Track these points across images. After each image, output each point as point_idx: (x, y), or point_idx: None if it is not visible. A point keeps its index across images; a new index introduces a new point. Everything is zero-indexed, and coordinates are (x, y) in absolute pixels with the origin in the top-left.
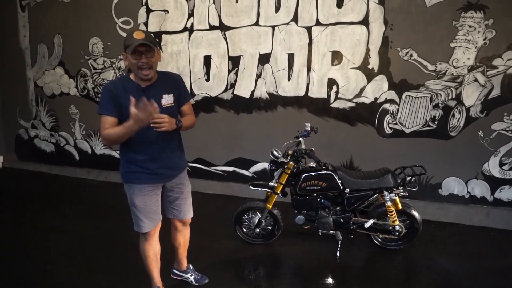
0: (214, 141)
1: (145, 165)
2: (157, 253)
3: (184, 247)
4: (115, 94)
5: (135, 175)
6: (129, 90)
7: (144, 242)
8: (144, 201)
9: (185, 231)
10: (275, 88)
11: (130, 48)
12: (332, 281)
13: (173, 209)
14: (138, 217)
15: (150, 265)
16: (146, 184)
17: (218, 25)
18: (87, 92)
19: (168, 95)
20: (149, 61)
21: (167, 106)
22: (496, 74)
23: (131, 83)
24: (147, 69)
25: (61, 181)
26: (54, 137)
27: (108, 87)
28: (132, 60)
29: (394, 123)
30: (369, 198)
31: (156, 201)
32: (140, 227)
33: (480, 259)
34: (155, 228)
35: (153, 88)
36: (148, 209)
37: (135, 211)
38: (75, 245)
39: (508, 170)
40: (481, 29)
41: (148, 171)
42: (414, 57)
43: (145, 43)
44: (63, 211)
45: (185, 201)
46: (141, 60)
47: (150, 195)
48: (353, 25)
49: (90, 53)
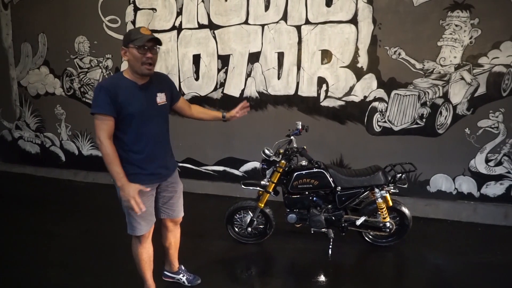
0: (204, 140)
1: (142, 165)
2: (151, 256)
3: (175, 248)
4: (113, 93)
5: (133, 176)
6: (126, 88)
7: (138, 245)
8: (143, 203)
9: (176, 231)
10: (265, 87)
11: (139, 41)
12: (325, 278)
13: (166, 209)
14: (135, 219)
15: (143, 267)
16: (145, 185)
17: (207, 23)
18: (73, 92)
19: (162, 94)
20: (154, 57)
21: (162, 104)
22: (481, 72)
23: (127, 81)
24: (150, 64)
25: (47, 183)
26: (39, 138)
27: (104, 86)
28: (137, 54)
29: (383, 121)
30: (360, 195)
31: (152, 202)
32: (136, 230)
33: (468, 254)
34: (150, 230)
35: (148, 86)
36: (146, 211)
37: (132, 214)
38: (64, 248)
39: (493, 166)
40: (467, 28)
41: (146, 171)
42: (402, 55)
43: (153, 38)
44: (50, 214)
45: (177, 200)
46: (147, 55)
47: (148, 195)
48: (342, 24)
49: (76, 52)
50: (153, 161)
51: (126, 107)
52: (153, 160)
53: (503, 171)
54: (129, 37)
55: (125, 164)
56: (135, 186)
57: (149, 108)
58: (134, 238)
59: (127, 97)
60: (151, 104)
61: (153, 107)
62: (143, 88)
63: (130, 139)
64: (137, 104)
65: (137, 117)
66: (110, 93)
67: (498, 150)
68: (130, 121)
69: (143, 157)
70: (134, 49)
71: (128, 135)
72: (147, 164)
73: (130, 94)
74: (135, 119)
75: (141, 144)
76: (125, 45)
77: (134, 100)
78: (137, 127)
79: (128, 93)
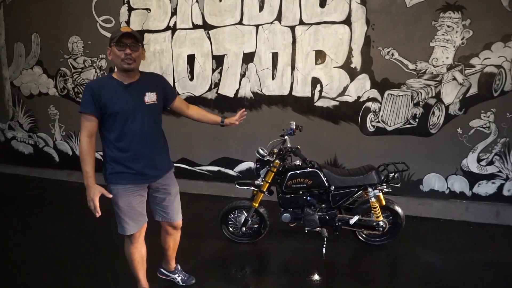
0: (199, 140)
1: (128, 164)
2: (143, 256)
3: (174, 249)
4: (96, 92)
5: (118, 175)
6: (111, 88)
7: (129, 245)
8: (129, 202)
9: (176, 234)
10: (259, 87)
11: (115, 39)
12: (319, 277)
13: (160, 211)
14: (122, 219)
15: (136, 267)
16: (130, 184)
17: (202, 24)
18: (67, 92)
19: (151, 93)
20: (133, 53)
21: (150, 103)
22: (473, 72)
23: (114, 81)
24: (130, 60)
25: (40, 184)
26: (33, 138)
27: (89, 86)
28: (116, 52)
29: (376, 121)
30: (353, 195)
31: (141, 202)
32: (124, 229)
33: (460, 253)
34: (140, 230)
35: (135, 85)
36: (133, 210)
37: (119, 213)
38: (58, 248)
39: (485, 165)
40: (459, 29)
41: (132, 171)
42: (395, 56)
43: (130, 33)
44: (44, 214)
45: (171, 203)
46: (126, 51)
47: (135, 195)
48: (336, 25)
49: (70, 52)
50: (139, 160)
51: (109, 105)
52: (139, 159)
53: (494, 170)
54: (110, 37)
55: (111, 162)
56: (98, 188)
57: (135, 107)
58: (126, 238)
59: (110, 96)
60: (138, 103)
61: (139, 106)
62: (130, 87)
63: (115, 137)
64: (121, 103)
65: (121, 116)
66: (93, 92)
67: (490, 149)
68: (114, 119)
69: (128, 155)
70: (114, 48)
71: (113, 133)
72: (133, 163)
73: (115, 93)
74: (119, 117)
75: (126, 142)
76: (109, 46)
77: (118, 98)
78: (121, 126)
79: (112, 92)
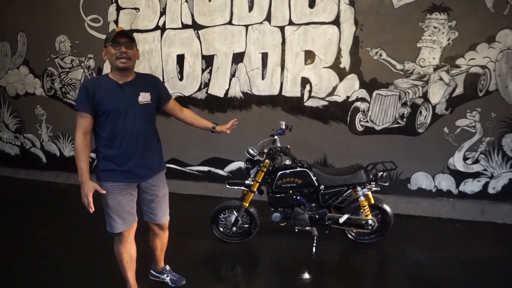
0: (189, 141)
1: (118, 162)
2: (133, 256)
3: (161, 250)
4: (91, 91)
5: (108, 173)
6: (105, 86)
7: (118, 244)
8: (118, 200)
9: (163, 235)
10: (249, 87)
11: (111, 38)
12: (309, 276)
13: (148, 212)
14: (111, 216)
15: (125, 267)
16: (119, 182)
17: (191, 23)
18: (54, 92)
19: (145, 93)
20: (128, 52)
21: (144, 103)
22: (459, 73)
23: (109, 80)
24: (125, 58)
25: (27, 185)
26: (19, 139)
27: (84, 85)
28: (111, 51)
29: (365, 121)
30: (343, 193)
31: (130, 201)
32: (113, 227)
33: (447, 250)
34: (130, 230)
35: (130, 85)
36: (121, 208)
37: (108, 211)
38: (46, 250)
39: (471, 164)
40: (445, 30)
41: (122, 169)
42: (384, 56)
43: (125, 32)
44: (31, 216)
45: (160, 205)
46: (121, 49)
47: (123, 194)
48: (325, 25)
49: (57, 52)
50: (129, 159)
51: (102, 103)
52: (129, 157)
53: (480, 168)
54: (106, 37)
55: (102, 160)
56: (92, 184)
57: (128, 106)
58: (115, 237)
59: (104, 94)
60: (131, 102)
61: (132, 105)
62: (124, 86)
63: (107, 135)
64: (114, 101)
65: (113, 114)
66: (88, 90)
67: (475, 148)
68: (106, 117)
69: (119, 153)
70: (110, 47)
71: (105, 131)
72: (123, 161)
73: (108, 91)
74: (111, 115)
75: (117, 140)
76: (104, 46)
77: (112, 97)
78: (113, 123)
79: (106, 91)
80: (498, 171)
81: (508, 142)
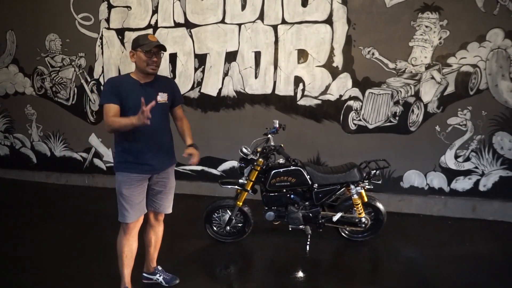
0: (181, 140)
1: (136, 155)
2: (133, 251)
3: (155, 247)
4: (116, 86)
5: (126, 164)
6: (128, 84)
7: (122, 235)
8: (131, 190)
9: (158, 227)
10: (242, 86)
11: (146, 46)
12: (303, 274)
13: (154, 201)
14: (124, 206)
15: (124, 261)
16: (135, 174)
17: (184, 22)
18: (44, 91)
19: (163, 93)
20: (159, 60)
21: (162, 102)
22: (450, 72)
23: (131, 79)
24: (155, 66)
25: (18, 186)
26: (9, 139)
27: (109, 81)
28: (143, 57)
29: (358, 120)
30: (336, 192)
31: (142, 193)
32: (125, 217)
33: (439, 247)
34: (135, 223)
35: (150, 85)
36: (134, 198)
37: (121, 200)
38: (38, 252)
39: (462, 162)
40: (436, 29)
41: (139, 161)
42: (376, 55)
43: (160, 45)
44: (22, 217)
45: (166, 196)
46: (152, 59)
47: (136, 185)
48: (318, 24)
49: (47, 50)
50: (147, 152)
51: (126, 99)
52: (147, 151)
53: (471, 166)
54: (138, 42)
55: (121, 152)
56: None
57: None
58: (120, 228)
59: (128, 91)
60: (151, 100)
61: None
62: (145, 86)
63: (135, 130)
64: (135, 98)
65: (133, 110)
66: (113, 85)
67: (466, 146)
68: (127, 112)
69: (138, 147)
70: (141, 53)
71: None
72: (141, 154)
73: (132, 89)
74: (131, 110)
75: (136, 134)
76: (134, 49)
77: (134, 94)
78: None
79: (129, 88)
80: (488, 169)
81: (498, 140)
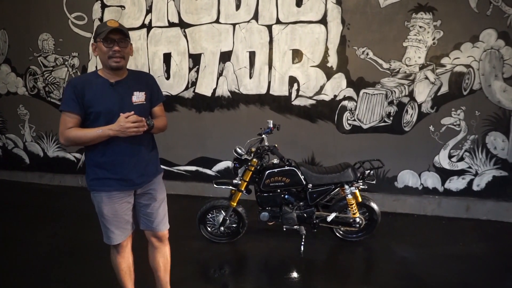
0: (176, 140)
1: (113, 169)
2: (131, 265)
3: (165, 270)
4: (79, 90)
5: (102, 181)
6: (96, 85)
7: (116, 255)
8: (114, 210)
9: (163, 248)
10: (237, 86)
11: (102, 34)
12: (297, 275)
13: (144, 218)
14: (108, 228)
15: (124, 278)
16: (116, 191)
17: (178, 22)
18: (37, 91)
19: (140, 93)
20: (122, 50)
21: (138, 103)
22: (444, 72)
23: (99, 78)
24: (118, 57)
25: (10, 187)
26: (1, 140)
27: (72, 83)
28: (103, 48)
29: (352, 120)
30: (330, 192)
31: (128, 210)
32: (111, 239)
33: (433, 246)
34: (127, 239)
35: (123, 84)
36: (119, 218)
37: (104, 222)
38: (31, 254)
39: (456, 162)
40: (430, 29)
41: (117, 177)
42: (370, 55)
43: (119, 29)
44: (14, 218)
45: (156, 210)
46: (114, 48)
47: (121, 203)
48: (312, 24)
49: (40, 50)
50: (124, 165)
51: (92, 105)
52: (124, 164)
53: (464, 166)
54: (95, 31)
55: (94, 167)
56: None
57: (121, 107)
58: (112, 248)
59: (95, 94)
60: (124, 102)
61: (126, 106)
62: (116, 85)
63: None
64: (105, 102)
65: (104, 116)
66: (76, 90)
67: (460, 146)
68: (97, 119)
69: (112, 159)
70: (101, 43)
71: None
72: (117, 167)
73: (99, 91)
74: (102, 117)
75: (110, 145)
76: (95, 41)
77: (103, 98)
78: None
79: (97, 91)
80: (482, 169)
81: (492, 140)
